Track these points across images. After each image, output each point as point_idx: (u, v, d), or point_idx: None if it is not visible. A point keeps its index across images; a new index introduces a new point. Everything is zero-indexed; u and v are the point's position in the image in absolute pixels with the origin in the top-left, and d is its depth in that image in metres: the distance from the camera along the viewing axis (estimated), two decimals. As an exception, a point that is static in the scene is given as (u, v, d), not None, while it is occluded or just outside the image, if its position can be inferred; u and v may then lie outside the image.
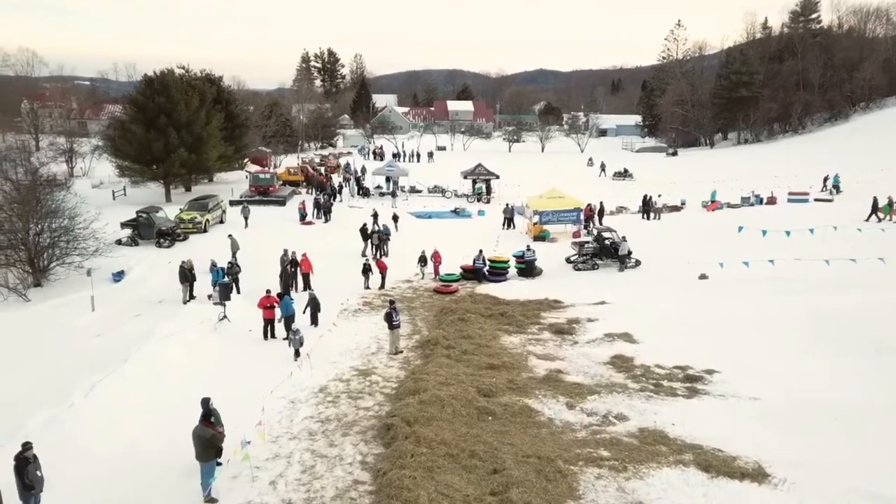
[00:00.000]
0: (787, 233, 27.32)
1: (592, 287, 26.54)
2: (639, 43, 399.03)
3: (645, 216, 41.24)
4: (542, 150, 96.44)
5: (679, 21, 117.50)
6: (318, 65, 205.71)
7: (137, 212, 32.97)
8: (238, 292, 25.13)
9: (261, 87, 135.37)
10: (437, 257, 28.65)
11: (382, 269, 27.60)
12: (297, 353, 18.65)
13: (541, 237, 35.48)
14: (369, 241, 32.10)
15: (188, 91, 45.11)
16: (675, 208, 44.04)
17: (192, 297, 25.00)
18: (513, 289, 26.07)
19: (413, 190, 51.36)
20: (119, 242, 32.36)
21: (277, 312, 20.87)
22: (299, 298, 22.88)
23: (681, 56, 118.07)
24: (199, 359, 17.95)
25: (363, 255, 31.54)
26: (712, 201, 44.09)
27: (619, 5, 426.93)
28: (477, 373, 17.14)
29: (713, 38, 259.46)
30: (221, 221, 37.73)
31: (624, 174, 62.89)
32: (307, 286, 26.09)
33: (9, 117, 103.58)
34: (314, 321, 21.80)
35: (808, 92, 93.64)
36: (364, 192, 49.40)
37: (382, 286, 27.21)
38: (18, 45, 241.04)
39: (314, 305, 22.06)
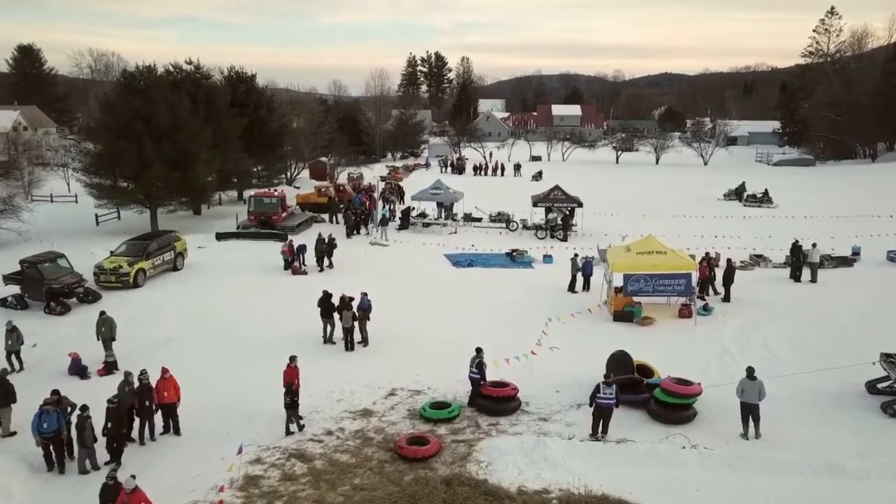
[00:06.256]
0: None
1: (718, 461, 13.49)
2: (775, 43, 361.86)
3: (797, 275, 27.02)
4: (657, 162, 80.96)
5: (832, 8, 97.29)
6: (425, 69, 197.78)
7: (21, 261, 22.93)
8: (85, 445, 14.04)
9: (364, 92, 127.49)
10: None
11: (296, 388, 14.74)
12: None
13: (626, 314, 22.27)
14: (335, 320, 20.09)
15: (177, 93, 35.44)
16: (844, 261, 29.32)
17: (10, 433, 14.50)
18: (546, 459, 13.35)
19: (470, 218, 38.97)
20: (3, 304, 22.61)
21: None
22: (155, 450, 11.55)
23: (833, 50, 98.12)
24: None
25: (329, 340, 20.02)
26: None
27: (757, 5, 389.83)
28: None
29: (877, 27, 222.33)
30: (175, 268, 27.32)
31: (761, 199, 45.93)
32: (171, 426, 14.73)
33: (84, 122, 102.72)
34: None
35: None
36: (404, 223, 37.68)
37: (292, 428, 14.72)
38: (88, 46, 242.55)
39: None
